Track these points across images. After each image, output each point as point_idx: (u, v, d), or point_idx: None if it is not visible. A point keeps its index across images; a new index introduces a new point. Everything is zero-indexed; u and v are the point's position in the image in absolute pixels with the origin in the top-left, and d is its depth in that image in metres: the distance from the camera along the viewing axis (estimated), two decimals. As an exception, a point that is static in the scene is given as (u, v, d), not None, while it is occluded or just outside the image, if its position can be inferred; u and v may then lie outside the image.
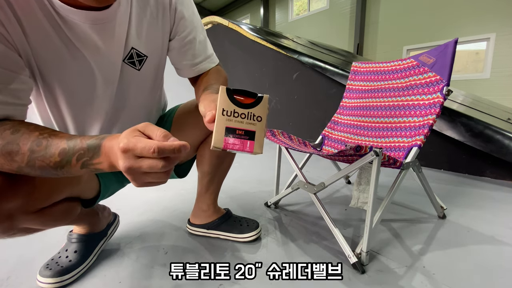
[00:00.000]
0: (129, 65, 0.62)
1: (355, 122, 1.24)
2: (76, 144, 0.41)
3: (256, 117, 0.44)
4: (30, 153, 0.40)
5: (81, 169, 0.41)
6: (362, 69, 1.32)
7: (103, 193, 0.68)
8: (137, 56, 0.62)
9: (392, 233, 0.96)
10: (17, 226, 0.48)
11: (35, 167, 0.41)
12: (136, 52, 0.61)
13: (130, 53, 0.61)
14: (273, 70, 2.86)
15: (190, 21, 0.67)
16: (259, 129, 0.44)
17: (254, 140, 0.43)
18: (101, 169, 0.41)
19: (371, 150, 0.71)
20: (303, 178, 0.95)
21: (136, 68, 0.63)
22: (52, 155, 0.40)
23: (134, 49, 0.61)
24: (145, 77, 0.67)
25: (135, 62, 0.62)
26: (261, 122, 0.44)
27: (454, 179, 1.58)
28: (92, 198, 0.67)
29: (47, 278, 0.68)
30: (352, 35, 7.86)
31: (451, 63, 0.97)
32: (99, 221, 0.83)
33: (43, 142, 0.41)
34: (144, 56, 0.63)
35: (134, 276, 0.74)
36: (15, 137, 0.41)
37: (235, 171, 1.76)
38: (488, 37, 5.74)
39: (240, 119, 0.43)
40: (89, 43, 0.53)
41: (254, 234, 0.90)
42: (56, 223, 0.56)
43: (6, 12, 0.43)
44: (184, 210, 1.15)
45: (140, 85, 0.67)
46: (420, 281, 0.71)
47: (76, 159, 0.41)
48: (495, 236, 0.94)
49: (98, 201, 0.68)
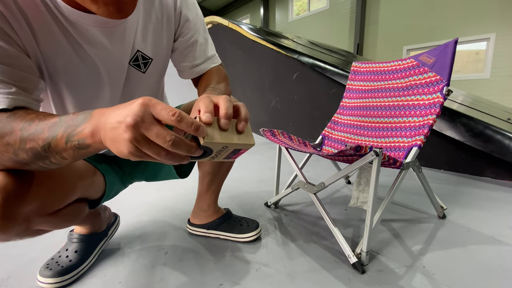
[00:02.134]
0: (134, 67, 0.62)
1: (355, 122, 1.24)
2: (67, 116, 0.38)
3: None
4: (22, 132, 0.38)
5: (66, 145, 0.38)
6: (362, 69, 1.32)
7: (108, 193, 0.68)
8: (142, 59, 0.63)
9: (392, 233, 0.96)
10: (31, 228, 0.48)
11: (26, 149, 0.38)
12: (141, 55, 0.62)
13: (135, 56, 0.61)
14: (273, 70, 2.86)
15: (194, 23, 0.68)
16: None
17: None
18: (83, 138, 0.37)
19: (371, 150, 0.71)
20: (303, 178, 0.95)
21: (141, 70, 0.64)
22: (41, 132, 0.38)
23: (140, 51, 0.61)
24: (149, 79, 0.67)
25: (140, 64, 0.63)
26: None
27: (454, 179, 1.58)
28: (97, 198, 0.67)
29: (47, 278, 0.69)
30: (352, 35, 7.87)
31: (451, 63, 0.97)
32: (101, 221, 0.84)
33: (35, 121, 0.39)
34: (149, 59, 0.64)
35: (134, 276, 0.74)
36: (10, 120, 0.40)
37: (235, 171, 1.77)
38: (488, 37, 5.75)
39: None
40: (98, 46, 0.54)
41: (254, 234, 0.90)
42: (67, 224, 0.56)
43: (17, 17, 0.44)
44: (184, 210, 1.15)
45: (145, 87, 0.68)
46: (420, 281, 0.71)
47: (63, 130, 0.37)
48: (495, 236, 0.94)
49: (103, 201, 0.68)
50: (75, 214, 0.57)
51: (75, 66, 0.53)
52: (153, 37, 0.63)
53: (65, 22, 0.49)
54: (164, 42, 0.65)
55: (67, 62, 0.52)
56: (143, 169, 0.80)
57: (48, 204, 0.48)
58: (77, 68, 0.54)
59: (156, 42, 0.64)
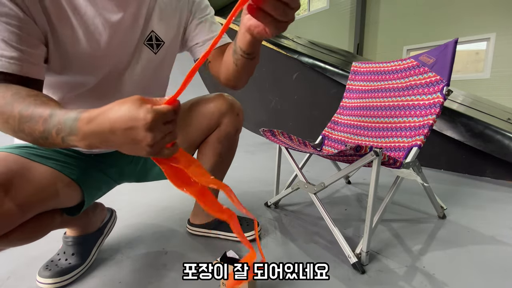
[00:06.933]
0: (147, 46, 0.63)
1: (355, 122, 1.24)
2: (56, 115, 0.39)
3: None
4: (20, 117, 0.40)
5: (63, 144, 0.40)
6: (362, 69, 1.32)
7: (87, 202, 0.63)
8: (156, 40, 0.64)
9: (392, 233, 0.96)
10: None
11: (25, 132, 0.41)
12: (155, 36, 0.64)
13: (149, 36, 0.63)
14: (273, 70, 2.86)
15: (205, 7, 0.73)
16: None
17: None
18: (75, 144, 0.39)
19: (371, 150, 0.71)
20: (303, 178, 0.95)
21: (153, 50, 0.64)
22: (36, 123, 0.40)
23: (154, 32, 0.63)
24: (160, 62, 0.68)
25: (154, 45, 0.64)
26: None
27: (454, 179, 1.58)
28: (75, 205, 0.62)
29: (47, 279, 0.68)
30: (352, 35, 7.86)
31: (451, 63, 0.97)
32: (91, 221, 0.80)
33: (30, 108, 0.40)
34: (162, 41, 0.65)
35: (134, 276, 0.74)
36: (13, 99, 0.41)
37: (235, 171, 1.76)
38: (488, 37, 5.74)
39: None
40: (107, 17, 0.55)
41: (254, 234, 0.90)
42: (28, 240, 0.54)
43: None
44: (184, 210, 1.15)
45: (155, 70, 0.68)
46: (420, 281, 0.71)
47: (55, 132, 0.39)
48: (495, 236, 0.94)
49: (83, 210, 0.63)
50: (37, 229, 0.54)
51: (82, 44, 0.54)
52: (167, 22, 0.65)
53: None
54: (175, 28, 0.68)
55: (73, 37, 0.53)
56: (133, 169, 0.76)
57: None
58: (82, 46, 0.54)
59: (169, 26, 0.66)
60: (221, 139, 0.80)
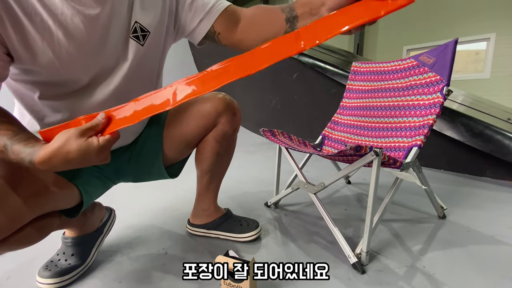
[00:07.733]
0: (134, 39, 0.60)
1: (355, 122, 1.24)
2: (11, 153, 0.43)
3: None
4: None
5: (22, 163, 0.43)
6: (362, 69, 1.32)
7: (86, 203, 0.64)
8: (141, 31, 0.61)
9: (392, 233, 0.96)
10: None
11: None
12: (139, 26, 0.60)
13: (134, 27, 0.59)
14: (273, 70, 2.86)
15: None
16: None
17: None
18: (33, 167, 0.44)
19: (371, 150, 0.71)
20: (303, 178, 0.95)
21: (140, 43, 0.61)
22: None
23: (138, 23, 0.60)
24: (148, 53, 0.64)
25: (139, 36, 0.61)
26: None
27: (454, 179, 1.58)
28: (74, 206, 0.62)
29: (46, 279, 0.68)
30: (352, 35, 7.86)
31: (451, 63, 0.97)
32: (90, 221, 0.80)
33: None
34: (147, 31, 0.61)
35: (134, 276, 0.74)
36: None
37: (235, 171, 1.76)
38: (488, 37, 5.74)
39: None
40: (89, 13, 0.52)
41: (254, 234, 0.89)
42: (27, 244, 0.54)
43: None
44: (184, 210, 1.15)
45: (144, 62, 0.64)
46: (420, 281, 0.71)
47: (14, 158, 0.43)
48: (495, 236, 0.94)
49: (82, 210, 0.63)
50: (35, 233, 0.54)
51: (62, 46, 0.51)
52: (149, 8, 0.61)
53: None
54: (158, 14, 0.63)
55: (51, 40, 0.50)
56: (130, 168, 0.76)
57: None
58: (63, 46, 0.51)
59: (152, 13, 0.62)
60: (219, 139, 0.80)
